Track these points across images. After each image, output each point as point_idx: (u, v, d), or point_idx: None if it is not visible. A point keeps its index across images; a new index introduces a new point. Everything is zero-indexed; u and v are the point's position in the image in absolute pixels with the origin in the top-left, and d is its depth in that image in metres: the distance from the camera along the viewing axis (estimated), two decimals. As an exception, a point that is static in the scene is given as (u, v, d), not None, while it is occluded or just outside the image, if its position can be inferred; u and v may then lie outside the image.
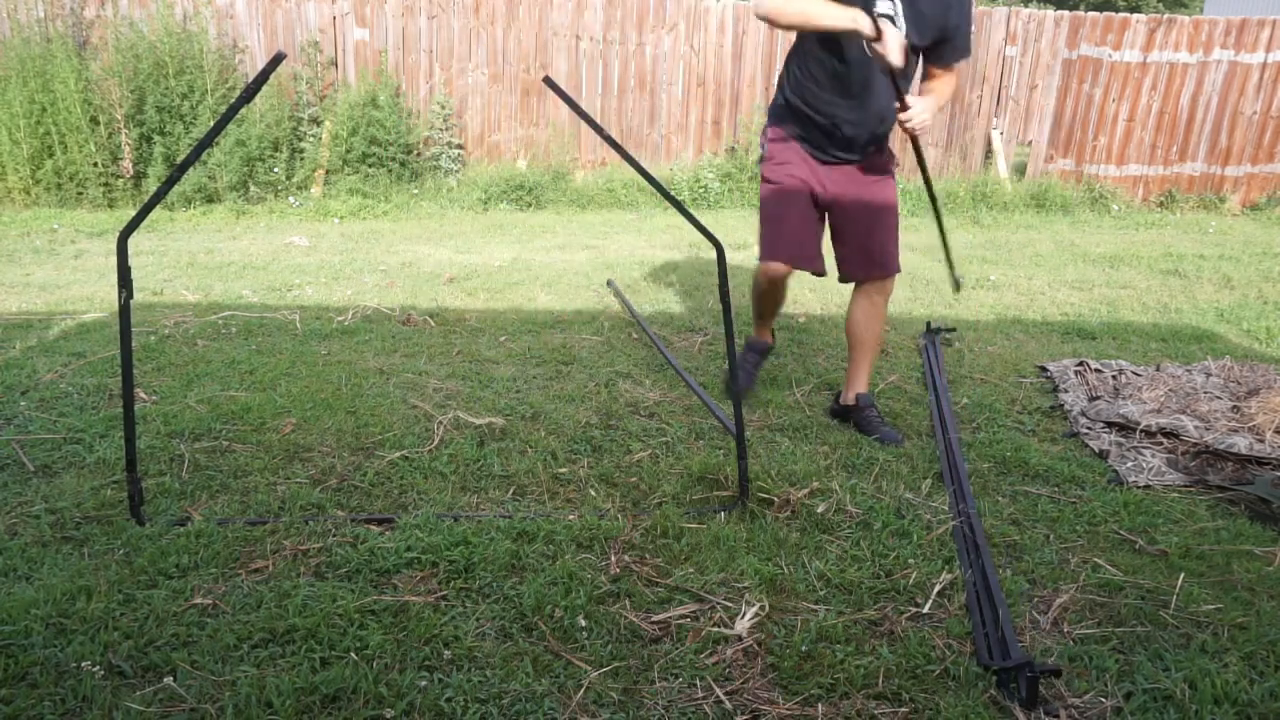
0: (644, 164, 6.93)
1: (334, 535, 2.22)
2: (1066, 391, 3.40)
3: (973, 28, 2.77)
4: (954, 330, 4.20)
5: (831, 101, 2.85)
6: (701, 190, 8.16)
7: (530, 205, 7.82)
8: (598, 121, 2.44)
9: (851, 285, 3.12)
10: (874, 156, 2.95)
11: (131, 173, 7.24)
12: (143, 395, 3.13)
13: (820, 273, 3.08)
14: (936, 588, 2.06)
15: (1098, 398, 3.34)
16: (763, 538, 2.27)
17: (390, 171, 7.81)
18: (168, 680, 1.69)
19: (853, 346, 3.08)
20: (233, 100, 6.24)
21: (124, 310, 2.12)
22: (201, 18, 7.62)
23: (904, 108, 2.66)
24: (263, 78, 1.97)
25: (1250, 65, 8.65)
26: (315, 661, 1.75)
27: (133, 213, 5.23)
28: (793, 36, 2.98)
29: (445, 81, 8.29)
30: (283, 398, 3.13)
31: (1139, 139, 8.84)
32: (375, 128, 7.75)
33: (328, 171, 7.72)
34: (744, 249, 6.26)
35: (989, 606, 1.96)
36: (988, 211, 8.05)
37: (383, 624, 1.87)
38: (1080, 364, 3.69)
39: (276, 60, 1.95)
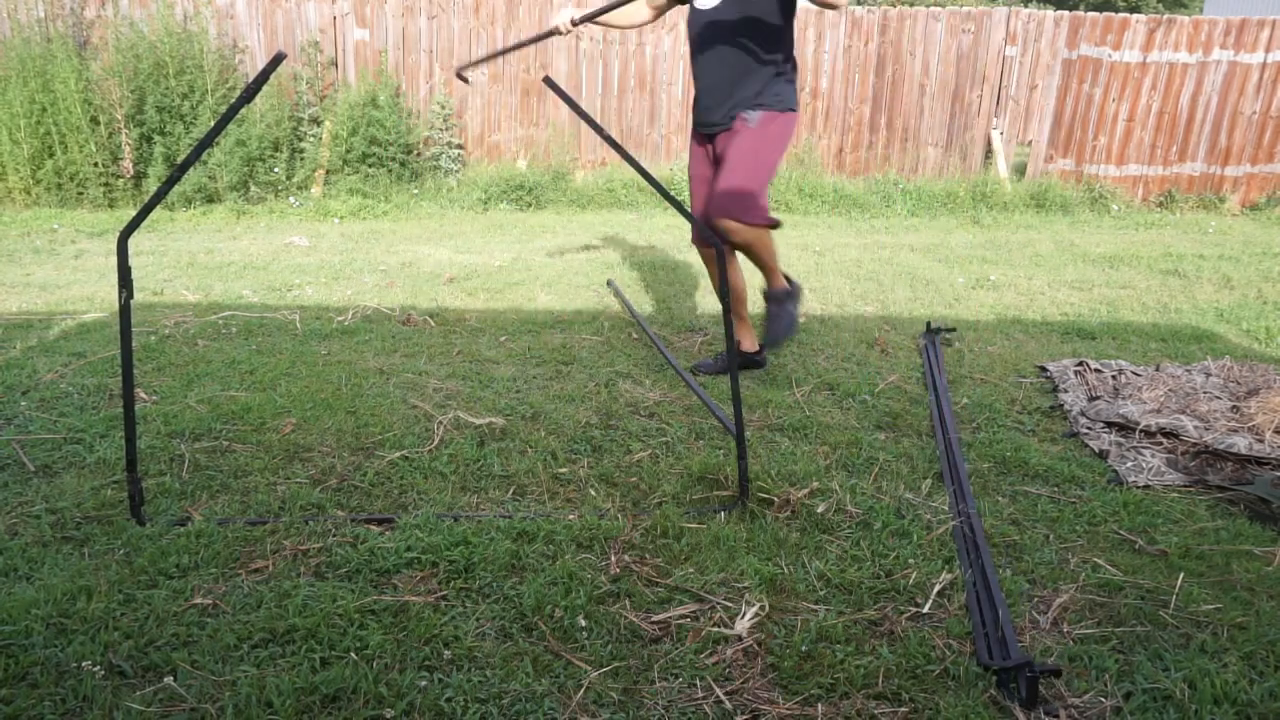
0: (644, 164, 6.91)
1: (334, 535, 2.23)
2: (1066, 391, 3.40)
3: None
4: (954, 330, 4.21)
5: (695, 77, 3.20)
6: (701, 190, 8.16)
7: (530, 205, 7.82)
8: (598, 121, 2.45)
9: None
10: (738, 122, 3.13)
11: (131, 173, 7.24)
12: (143, 395, 3.13)
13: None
14: (936, 588, 2.06)
15: (1098, 398, 3.34)
16: (763, 538, 2.27)
17: (390, 171, 7.81)
18: (168, 680, 1.69)
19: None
20: (233, 100, 6.25)
21: (124, 310, 2.12)
22: (201, 18, 7.63)
23: None
24: (263, 78, 1.97)
25: (1250, 65, 8.66)
26: (315, 661, 1.75)
27: (133, 213, 5.24)
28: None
29: (445, 81, 8.30)
30: (283, 398, 3.13)
31: (1139, 139, 8.85)
32: (375, 128, 7.75)
33: (328, 171, 7.73)
34: (744, 249, 6.26)
35: (989, 606, 1.96)
36: (988, 211, 8.05)
37: (383, 624, 1.87)
38: (1080, 364, 3.69)
39: (277, 60, 1.95)
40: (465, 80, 3.69)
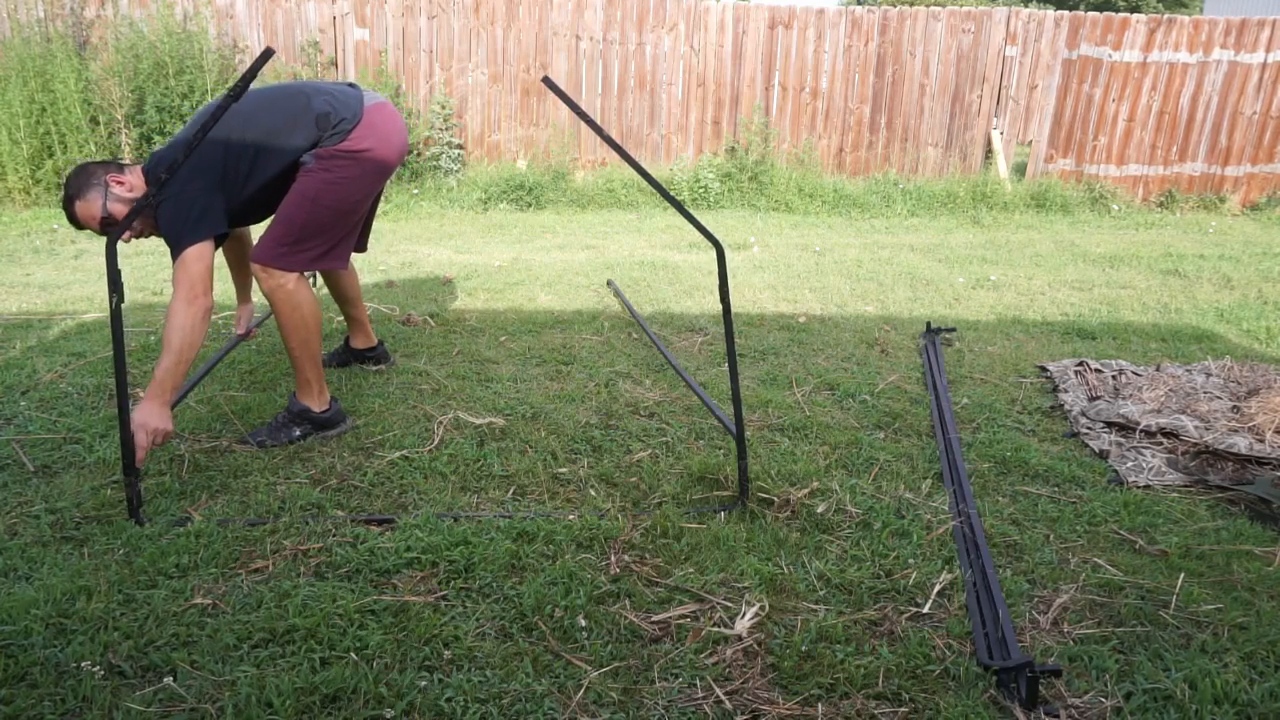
0: (644, 164, 6.88)
1: (334, 535, 2.22)
2: (1066, 391, 3.40)
3: (176, 236, 2.52)
4: (954, 330, 4.20)
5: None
6: (701, 190, 8.16)
7: (530, 205, 7.82)
8: (598, 121, 2.44)
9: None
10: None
11: (131, 173, 7.24)
12: (140, 395, 3.12)
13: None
14: (936, 588, 2.06)
15: (1098, 398, 3.34)
16: (763, 538, 2.27)
17: (390, 171, 7.81)
18: (168, 680, 1.69)
19: None
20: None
21: (115, 314, 2.11)
22: (201, 17, 7.62)
23: None
24: (250, 75, 1.95)
25: (1250, 65, 8.66)
26: (315, 661, 1.75)
27: (133, 213, 5.20)
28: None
29: (445, 81, 8.30)
30: (282, 398, 3.13)
31: (1139, 139, 8.85)
32: (375, 128, 7.74)
33: (328, 171, 7.71)
34: (744, 249, 6.27)
35: (989, 606, 1.96)
36: (988, 211, 8.05)
37: (383, 624, 1.87)
38: (1080, 364, 3.69)
39: (265, 57, 1.92)
40: None
